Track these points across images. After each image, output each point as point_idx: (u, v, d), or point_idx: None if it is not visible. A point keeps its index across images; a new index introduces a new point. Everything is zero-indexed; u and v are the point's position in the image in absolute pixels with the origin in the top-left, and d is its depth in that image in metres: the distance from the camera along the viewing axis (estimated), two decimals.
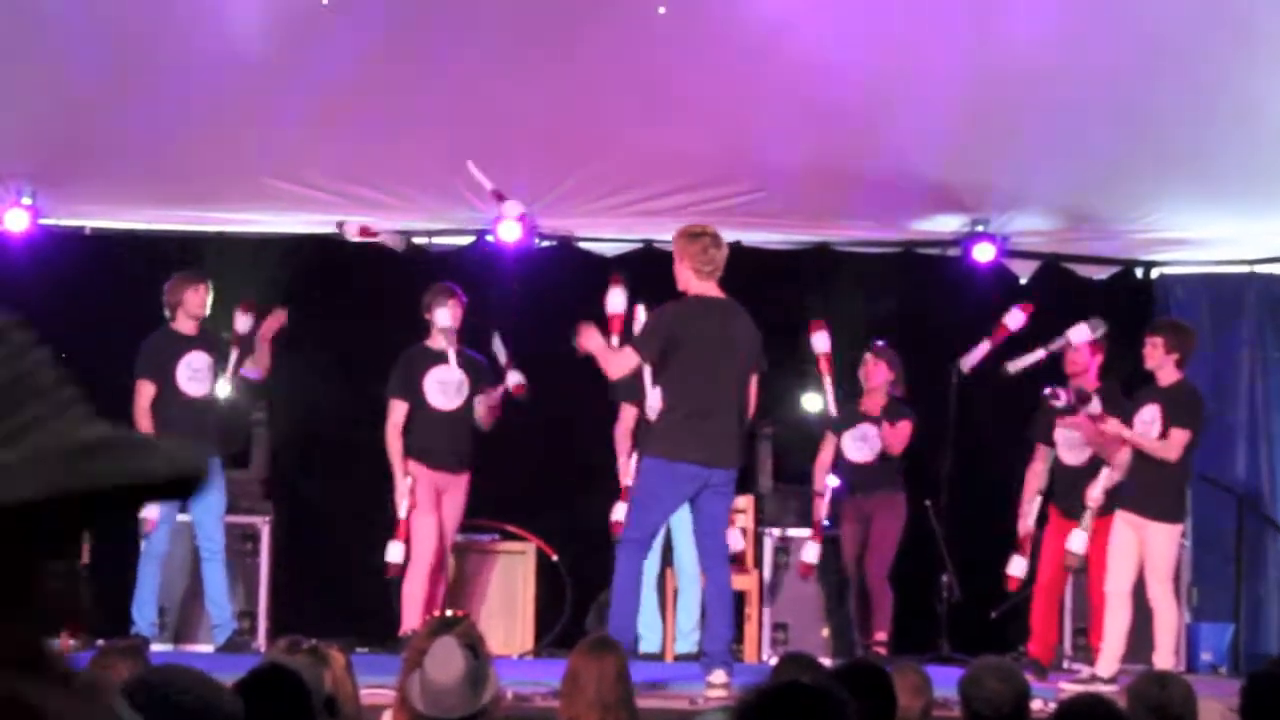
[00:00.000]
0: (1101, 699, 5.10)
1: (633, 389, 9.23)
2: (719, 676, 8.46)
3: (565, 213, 10.85)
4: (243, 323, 10.24)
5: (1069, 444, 10.18)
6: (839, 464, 10.76)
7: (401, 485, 10.16)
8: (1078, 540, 9.66)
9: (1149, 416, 9.52)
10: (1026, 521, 10.15)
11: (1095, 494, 9.65)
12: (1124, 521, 9.54)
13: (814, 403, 10.63)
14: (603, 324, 8.99)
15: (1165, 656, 9.31)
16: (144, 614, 10.18)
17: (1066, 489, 10.10)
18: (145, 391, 10.19)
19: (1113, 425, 9.52)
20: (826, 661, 7.03)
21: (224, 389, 10.31)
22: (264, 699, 4.42)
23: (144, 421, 10.15)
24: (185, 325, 10.30)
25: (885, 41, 9.81)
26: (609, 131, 10.33)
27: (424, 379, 10.30)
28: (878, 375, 10.71)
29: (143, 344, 10.27)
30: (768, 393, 11.31)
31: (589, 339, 8.72)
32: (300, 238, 11.47)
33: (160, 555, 10.21)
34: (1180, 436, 9.44)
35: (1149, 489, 9.43)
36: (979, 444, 10.61)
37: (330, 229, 11.40)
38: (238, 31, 9.79)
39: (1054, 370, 10.21)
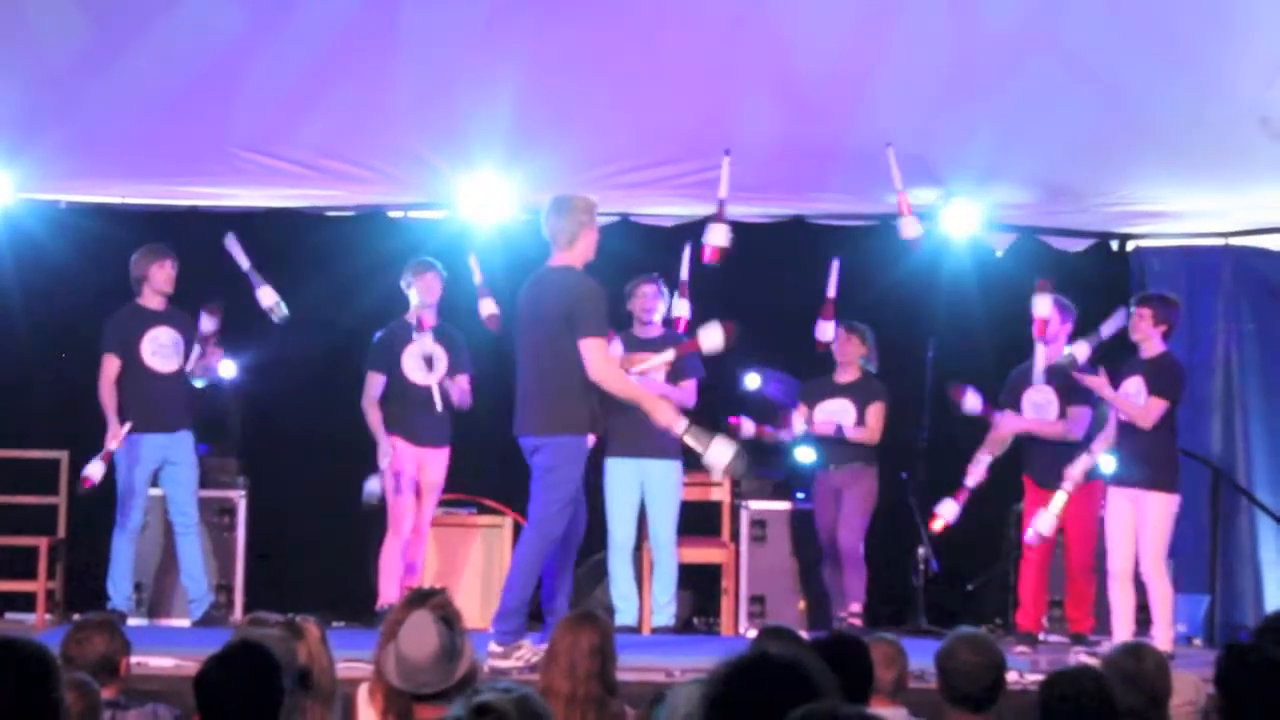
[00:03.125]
0: (1088, 670, 5.11)
1: None
2: (494, 647, 8.38)
3: (541, 186, 10.82)
4: (208, 323, 10.19)
5: (1039, 414, 10.18)
6: (811, 437, 10.77)
7: (384, 444, 10.18)
8: (1045, 523, 9.65)
9: (1134, 388, 9.55)
10: (972, 476, 10.12)
11: (1075, 474, 9.65)
12: (1119, 496, 9.55)
13: (753, 381, 10.62)
14: None
15: (1163, 631, 9.31)
16: (119, 588, 10.16)
17: (1038, 459, 10.12)
18: (110, 365, 10.17)
19: (1094, 381, 9.56)
20: (804, 634, 7.04)
21: (198, 382, 10.32)
22: (235, 674, 4.42)
23: (108, 396, 10.12)
24: (151, 300, 10.28)
25: (861, 14, 9.78)
26: (584, 105, 10.29)
27: (403, 353, 10.30)
28: (849, 350, 10.74)
29: (108, 319, 10.25)
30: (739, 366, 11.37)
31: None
32: (273, 211, 11.44)
33: (135, 530, 10.19)
34: (1156, 405, 9.46)
35: (1142, 460, 9.46)
36: (955, 416, 10.60)
37: (304, 202, 11.38)
38: (213, 5, 9.74)
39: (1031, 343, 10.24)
